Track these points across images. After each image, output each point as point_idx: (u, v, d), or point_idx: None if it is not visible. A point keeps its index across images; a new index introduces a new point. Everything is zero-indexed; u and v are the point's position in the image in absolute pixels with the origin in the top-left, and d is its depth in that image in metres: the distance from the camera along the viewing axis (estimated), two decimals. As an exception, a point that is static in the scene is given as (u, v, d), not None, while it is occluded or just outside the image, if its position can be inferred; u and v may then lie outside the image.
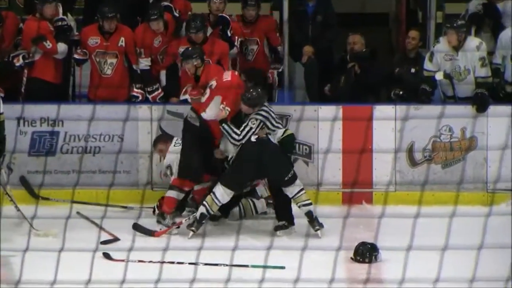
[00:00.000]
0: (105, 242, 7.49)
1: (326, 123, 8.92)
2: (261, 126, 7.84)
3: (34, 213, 7.91)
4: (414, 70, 9.48)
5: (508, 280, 5.51)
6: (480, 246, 5.19)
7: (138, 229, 7.84)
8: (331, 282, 5.28)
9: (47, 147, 9.05)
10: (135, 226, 7.85)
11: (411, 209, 8.17)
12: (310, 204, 7.83)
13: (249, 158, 7.79)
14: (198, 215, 7.82)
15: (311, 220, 7.82)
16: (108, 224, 7.86)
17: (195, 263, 6.57)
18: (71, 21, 9.53)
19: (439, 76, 9.10)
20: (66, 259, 5.36)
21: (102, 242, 7.44)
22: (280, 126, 8.00)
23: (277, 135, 7.94)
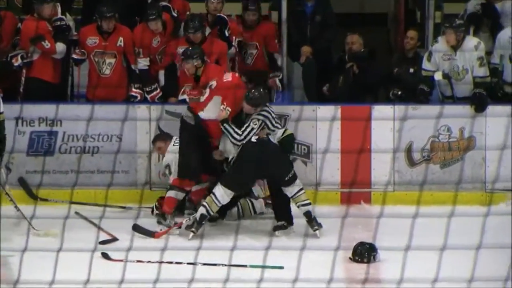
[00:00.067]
0: (103, 242, 7.49)
1: (324, 123, 8.91)
2: (262, 126, 7.85)
3: (32, 213, 7.91)
4: (412, 70, 9.47)
5: (506, 280, 5.52)
6: (478, 246, 5.19)
7: (138, 230, 7.81)
8: (330, 282, 5.29)
9: (46, 147, 9.05)
10: (135, 227, 7.81)
11: (410, 209, 8.20)
12: (309, 204, 7.83)
13: (249, 159, 7.78)
14: (198, 216, 7.80)
15: (310, 220, 7.82)
16: (106, 224, 7.85)
17: (194, 263, 6.57)
18: (70, 21, 9.51)
19: (438, 76, 9.10)
20: (64, 259, 5.37)
21: (101, 242, 7.44)
22: (279, 126, 8.00)
23: (277, 135, 7.93)
